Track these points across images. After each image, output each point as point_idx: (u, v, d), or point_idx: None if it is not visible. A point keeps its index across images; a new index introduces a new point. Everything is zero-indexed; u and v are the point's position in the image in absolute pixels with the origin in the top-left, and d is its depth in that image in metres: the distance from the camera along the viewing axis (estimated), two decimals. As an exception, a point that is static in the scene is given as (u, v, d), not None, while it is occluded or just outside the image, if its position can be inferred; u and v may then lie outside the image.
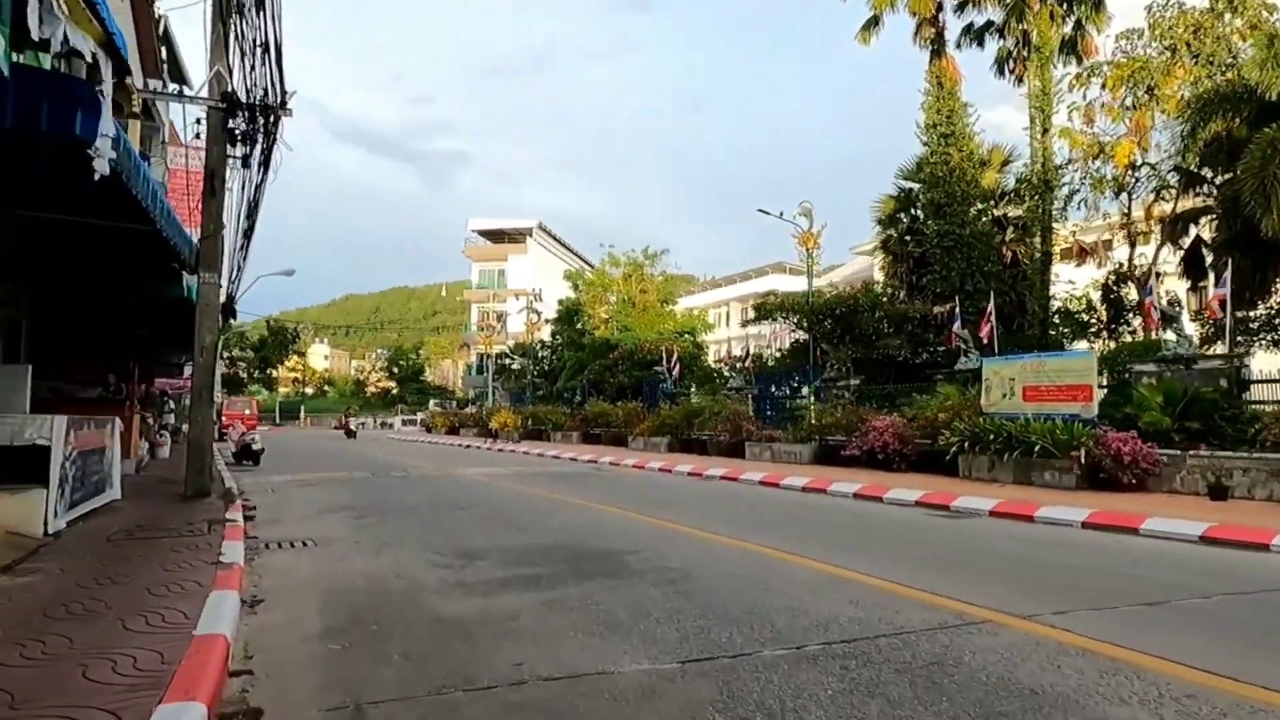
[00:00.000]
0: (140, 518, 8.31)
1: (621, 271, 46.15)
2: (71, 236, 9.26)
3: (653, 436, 23.93)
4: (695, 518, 9.69)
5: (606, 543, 7.79)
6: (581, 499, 11.79)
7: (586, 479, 15.82)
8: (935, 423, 14.72)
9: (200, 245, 10.40)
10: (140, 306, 13.72)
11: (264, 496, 12.27)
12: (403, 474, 16.62)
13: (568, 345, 45.72)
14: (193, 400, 10.20)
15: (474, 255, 76.40)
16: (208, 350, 10.32)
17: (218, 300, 10.43)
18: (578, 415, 30.47)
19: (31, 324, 13.83)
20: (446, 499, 11.85)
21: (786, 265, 74.77)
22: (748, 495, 12.88)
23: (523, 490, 13.22)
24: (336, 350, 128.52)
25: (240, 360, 69.87)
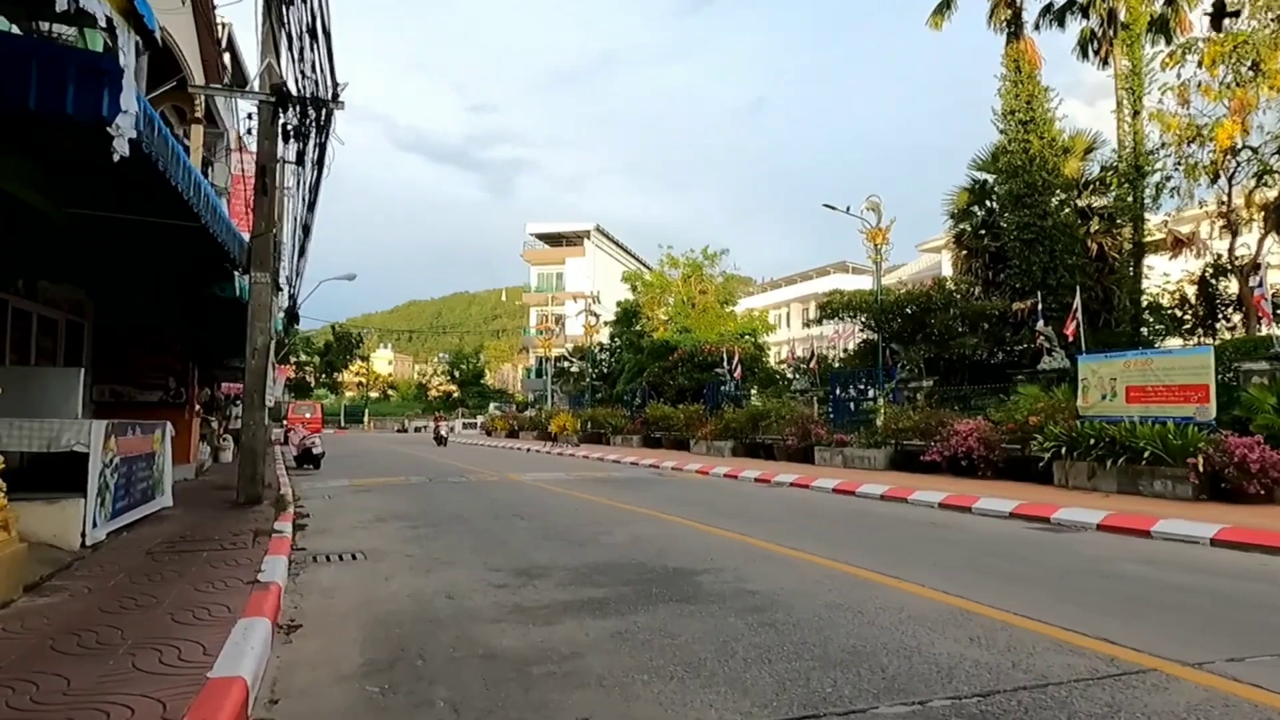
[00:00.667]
0: (186, 527, 7.93)
1: (680, 272, 45.40)
2: (125, 236, 9.00)
3: (716, 440, 23.14)
4: (770, 530, 8.92)
5: (677, 559, 7.08)
6: (646, 508, 11.11)
7: (649, 485, 15.15)
8: (1026, 426, 13.62)
9: (251, 243, 10.07)
10: (198, 309, 13.57)
11: (318, 502, 11.92)
12: (460, 479, 16.20)
13: (626, 347, 45.18)
14: (245, 404, 9.87)
15: (532, 259, 76.63)
16: (260, 353, 9.98)
17: (270, 300, 10.09)
18: (638, 418, 29.85)
19: (94, 327, 13.81)
20: (505, 507, 11.31)
21: (849, 264, 73.26)
22: (822, 504, 12.03)
23: (584, 498, 12.61)
24: (400, 355, 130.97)
25: (306, 365, 71.37)
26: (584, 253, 73.10)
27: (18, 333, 11.11)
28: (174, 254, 9.58)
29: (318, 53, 9.71)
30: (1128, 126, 22.78)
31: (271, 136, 10.24)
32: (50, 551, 5.97)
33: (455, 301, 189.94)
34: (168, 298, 12.10)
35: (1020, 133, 23.37)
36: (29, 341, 11.52)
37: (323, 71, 10.36)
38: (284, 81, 10.24)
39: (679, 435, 26.20)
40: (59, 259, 9.49)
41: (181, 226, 8.08)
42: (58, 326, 12.52)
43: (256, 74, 10.29)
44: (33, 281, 11.31)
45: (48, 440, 6.34)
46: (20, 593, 4.82)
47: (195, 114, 19.15)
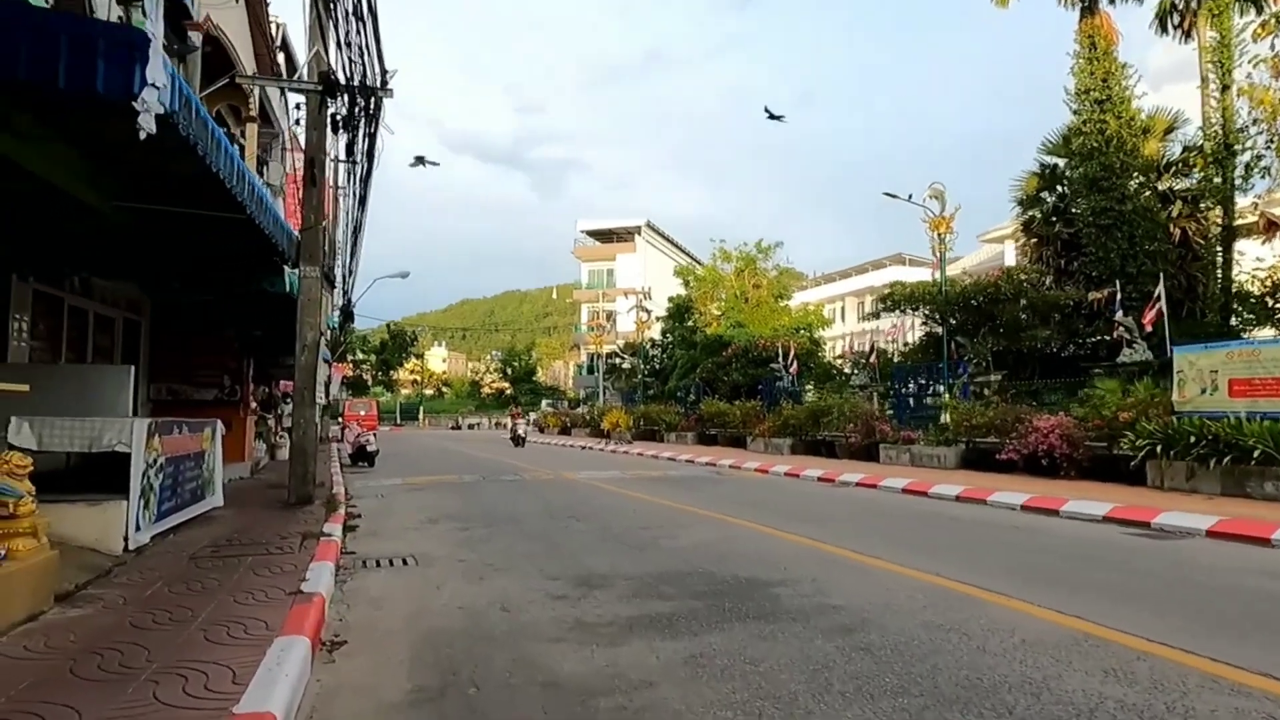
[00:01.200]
0: (234, 529, 7.66)
1: (733, 266, 44.61)
2: (174, 230, 8.80)
3: (774, 438, 22.45)
4: (843, 534, 8.30)
5: (749, 568, 6.53)
6: (707, 509, 10.57)
7: (707, 485, 14.60)
8: (1115, 423, 12.68)
9: (301, 236, 9.81)
10: (251, 306, 13.46)
11: (370, 502, 11.66)
12: (514, 478, 15.87)
13: (679, 343, 44.61)
14: (295, 402, 9.63)
15: (583, 255, 76.52)
16: (309, 348, 9.72)
17: (320, 295, 9.82)
18: (692, 415, 29.27)
19: (151, 326, 13.80)
20: (560, 508, 10.89)
21: (906, 256, 71.49)
22: (893, 505, 11.33)
23: (642, 498, 12.12)
24: (454, 353, 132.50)
25: (363, 363, 72.48)
26: (635, 249, 72.70)
27: (74, 331, 11.07)
28: (223, 249, 9.36)
29: (365, 37, 9.40)
30: (1214, 103, 21.38)
31: (319, 127, 9.97)
32: (91, 556, 5.70)
33: (507, 300, 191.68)
34: (221, 295, 11.98)
35: (1095, 113, 22.15)
36: (85, 340, 11.49)
37: (370, 59, 10.06)
38: (332, 70, 9.96)
39: (735, 432, 25.55)
40: (110, 255, 9.35)
41: (230, 220, 7.83)
42: (115, 325, 12.50)
43: (304, 63, 10.03)
44: (88, 279, 11.27)
45: (89, 440, 6.08)
46: (51, 603, 4.52)
47: (250, 113, 19.19)
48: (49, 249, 9.02)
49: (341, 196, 29.97)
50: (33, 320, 9.89)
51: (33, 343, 9.97)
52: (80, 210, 8.09)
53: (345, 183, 28.15)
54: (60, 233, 8.91)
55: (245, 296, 11.51)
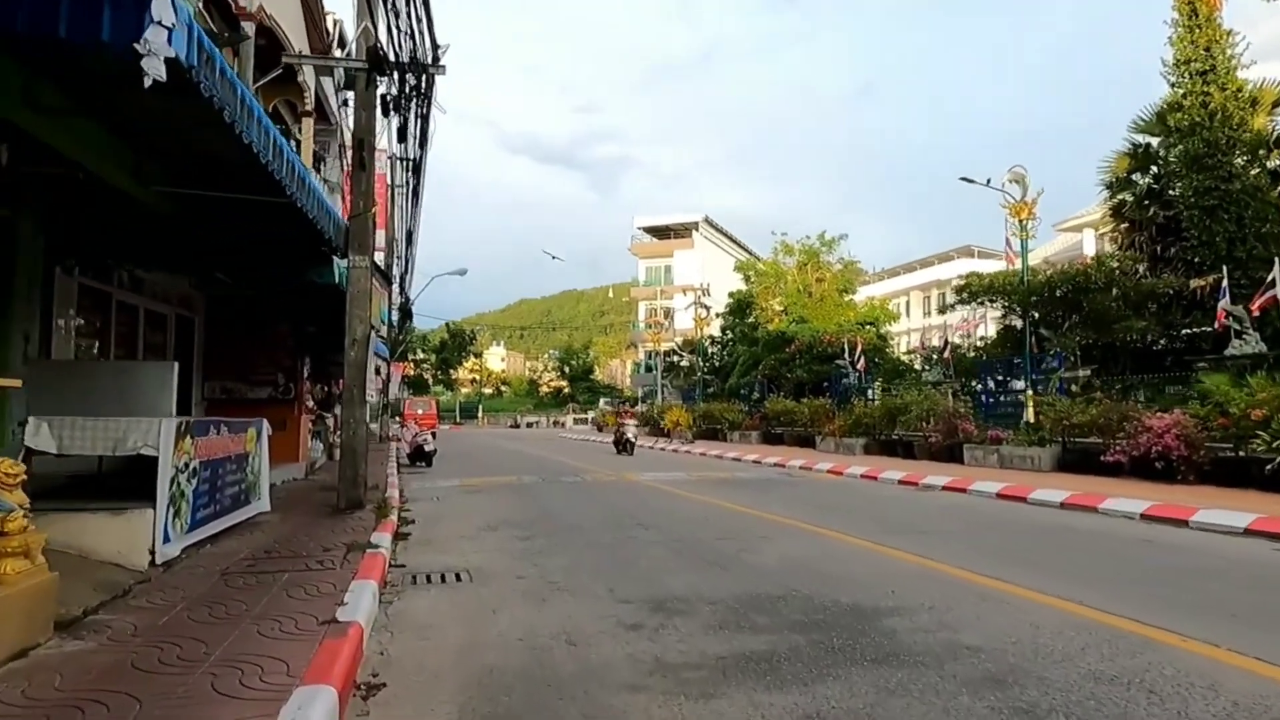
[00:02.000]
0: (276, 539, 7.06)
1: (796, 260, 43.27)
2: (217, 217, 8.29)
3: (845, 437, 21.32)
4: (950, 549, 7.31)
5: (850, 591, 5.62)
6: (787, 516, 9.65)
7: (780, 488, 13.64)
8: (1244, 422, 11.32)
9: (349, 224, 9.22)
10: (303, 300, 13.01)
11: (425, 506, 11.05)
12: (575, 479, 15.15)
13: (739, 339, 43.54)
14: (344, 400, 9.04)
15: (640, 252, 75.81)
16: (360, 344, 9.12)
17: (370, 287, 9.22)
18: (756, 413, 28.24)
19: (205, 323, 13.48)
20: (625, 513, 10.10)
21: (974, 249, 69.01)
22: (994, 513, 10.24)
23: (712, 503, 11.25)
24: (512, 352, 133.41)
25: (423, 363, 73.10)
26: (692, 245, 71.72)
27: (123, 328, 10.71)
28: (268, 238, 8.83)
29: (414, 8, 8.74)
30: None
31: (368, 107, 9.36)
32: (111, 572, 5.11)
33: (564, 299, 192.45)
34: (271, 289, 11.53)
35: (1196, 85, 20.41)
36: (135, 337, 11.14)
37: (421, 34, 9.41)
38: (381, 46, 9.34)
39: (802, 431, 24.46)
40: (151, 246, 8.90)
41: (272, 205, 7.25)
42: (167, 322, 12.17)
43: (353, 38, 9.43)
44: (137, 276, 10.91)
45: (113, 442, 5.51)
46: (50, 632, 3.89)
47: (305, 107, 18.92)
48: (89, 240, 8.59)
49: (396, 194, 29.80)
50: (77, 316, 9.52)
51: (78, 339, 9.62)
52: (117, 198, 7.61)
53: (400, 180, 27.90)
54: (99, 222, 8.47)
55: (296, 290, 11.02)
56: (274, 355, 13.80)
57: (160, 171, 7.48)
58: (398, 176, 28.10)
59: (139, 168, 7.35)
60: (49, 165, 6.78)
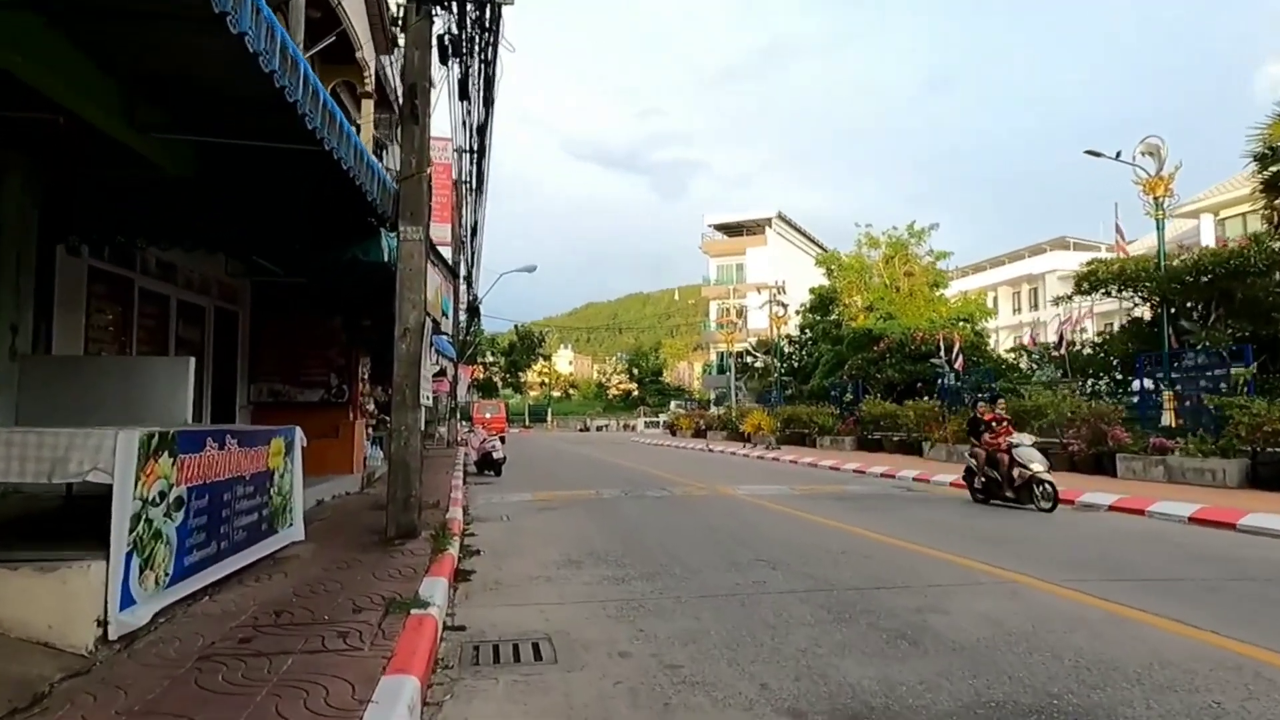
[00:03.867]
0: (295, 587, 5.34)
1: (881, 253, 40.53)
2: (239, 177, 6.71)
3: (960, 444, 18.86)
4: (1227, 612, 5.12)
5: (1139, 700, 3.56)
6: (944, 549, 7.54)
7: (910, 507, 11.48)
8: None
9: (400, 188, 7.52)
10: (356, 287, 11.48)
11: (492, 528, 9.31)
12: (662, 492, 13.25)
13: (821, 337, 41.02)
14: (394, 403, 7.34)
15: (711, 250, 73.60)
16: (412, 334, 7.40)
17: (425, 264, 7.51)
18: (849, 417, 25.86)
19: (250, 315, 12.08)
20: (738, 541, 8.13)
21: (1069, 240, 64.84)
22: (1198, 544, 7.92)
23: (838, 526, 9.20)
24: (579, 356, 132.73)
25: (492, 365, 72.42)
26: (765, 241, 69.17)
27: (149, 320, 9.26)
28: (301, 201, 7.20)
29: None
30: None
31: (421, 44, 7.65)
32: (31, 661, 3.42)
33: (630, 302, 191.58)
34: (309, 268, 9.98)
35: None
36: (166, 331, 9.70)
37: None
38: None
39: (906, 437, 22.04)
40: (166, 216, 7.36)
41: (302, 157, 5.61)
42: (204, 315, 10.76)
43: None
44: (167, 262, 9.49)
45: (50, 464, 3.83)
46: None
47: (365, 88, 17.58)
48: (90, 209, 7.10)
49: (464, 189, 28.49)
50: (89, 305, 8.09)
51: (91, 333, 8.18)
52: (117, 153, 6.07)
53: (464, 174, 26.54)
54: (101, 187, 6.97)
55: (347, 274, 9.43)
56: (326, 353, 12.32)
57: (162, 116, 5.90)
58: (462, 168, 26.78)
59: (131, 110, 5.78)
60: (41, 111, 5.27)
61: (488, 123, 10.99)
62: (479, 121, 10.89)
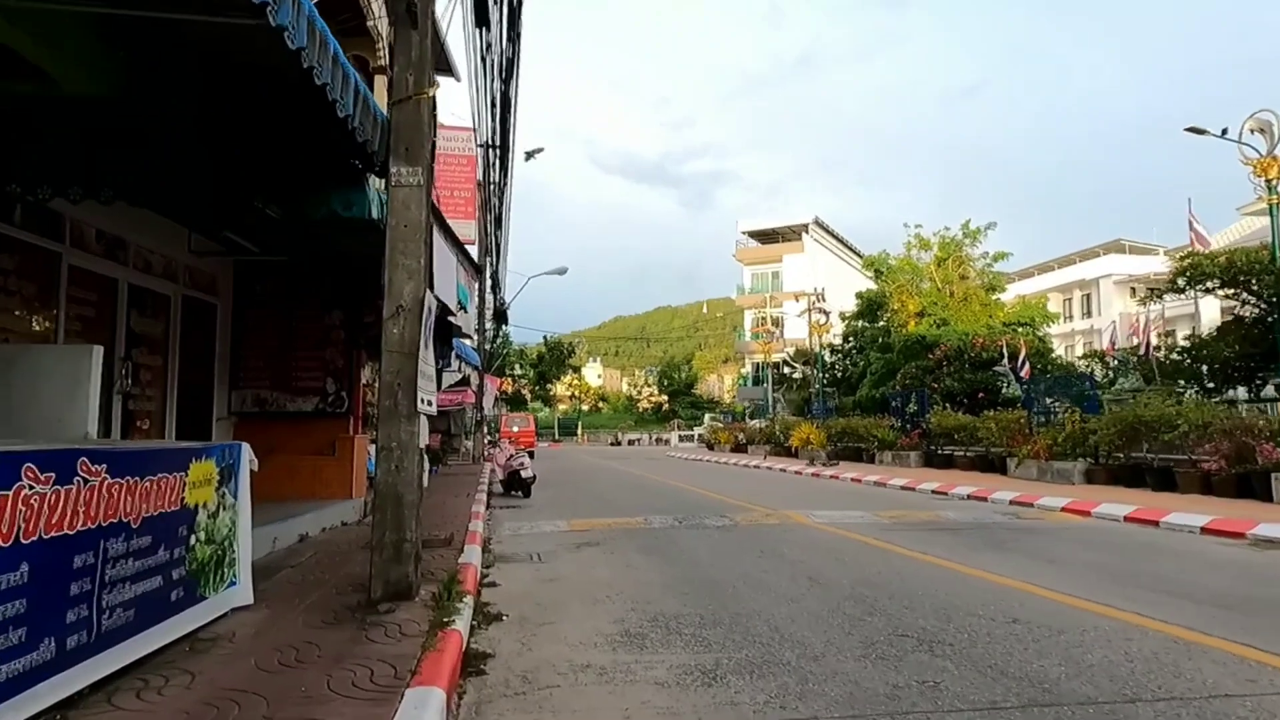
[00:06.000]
0: (194, 707, 3.23)
1: (933, 255, 38.00)
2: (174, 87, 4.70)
3: (1053, 460, 16.43)
4: None
5: None
6: (1170, 619, 5.26)
7: (1032, 538, 9.16)
8: None
9: (391, 115, 5.47)
10: (358, 278, 9.52)
11: (520, 574, 7.17)
12: (723, 521, 11.04)
13: (870, 344, 38.55)
14: (381, 411, 5.25)
15: (745, 258, 71.28)
16: (407, 314, 5.31)
17: (427, 219, 5.45)
18: (914, 430, 23.43)
19: (232, 309, 10.12)
20: (857, 602, 5.91)
21: (1125, 243, 61.81)
22: None
23: (983, 578, 6.93)
24: (608, 369, 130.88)
25: (521, 378, 70.56)
26: (803, 248, 66.70)
27: (85, 308, 7.30)
28: (260, 124, 5.17)
29: None
30: None
31: (421, -78, 5.62)
32: None
33: (658, 315, 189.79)
34: (301, 244, 7.99)
35: None
36: (113, 322, 7.74)
37: None
38: None
39: (985, 453, 19.57)
40: (77, 158, 5.37)
41: (270, 79, 3.59)
42: (170, 306, 8.79)
43: None
44: (117, 238, 7.53)
45: None
46: None
47: (378, 62, 15.68)
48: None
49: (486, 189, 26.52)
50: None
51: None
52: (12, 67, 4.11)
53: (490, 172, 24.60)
54: None
55: (325, 234, 7.41)
56: (322, 354, 10.31)
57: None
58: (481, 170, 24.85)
59: None
60: None
61: (514, 66, 8.98)
62: (505, 57, 8.89)
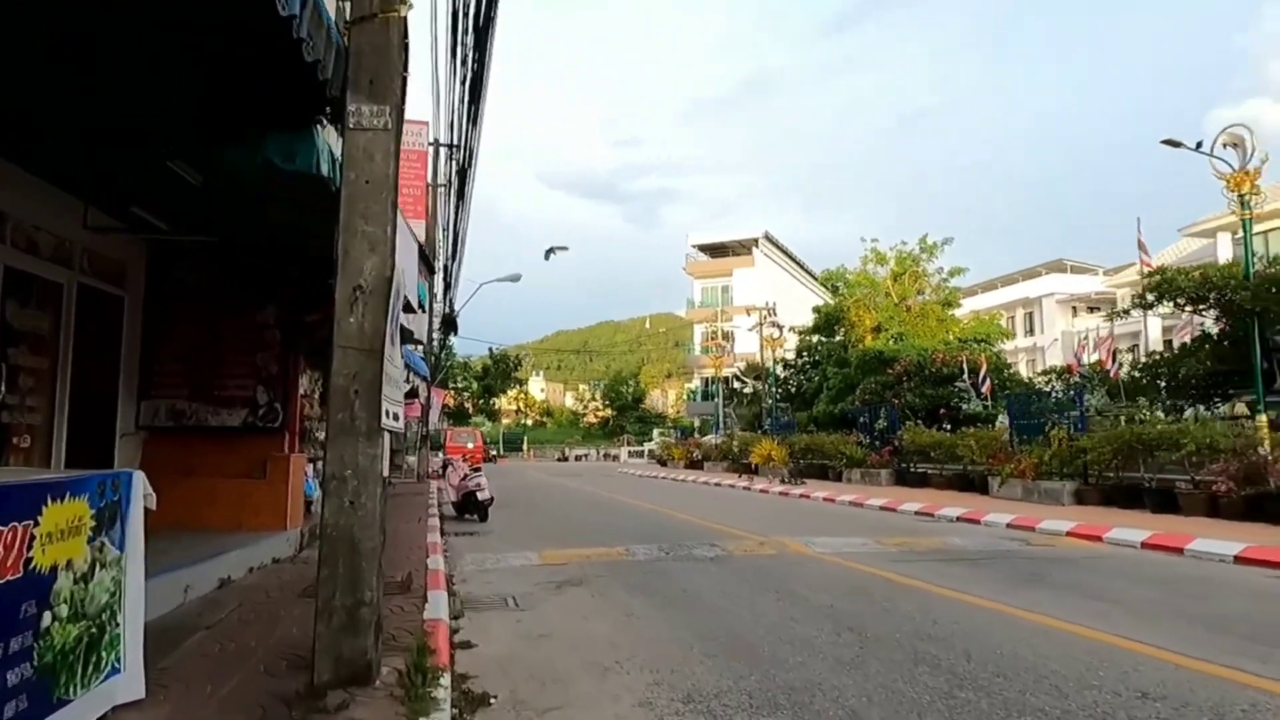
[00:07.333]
0: None
1: (889, 270, 37.68)
2: None
3: (1040, 479, 15.69)
4: None
5: None
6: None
7: (1060, 570, 8.17)
8: None
9: (350, 35, 4.16)
10: (300, 267, 8.08)
11: (497, 625, 5.82)
12: (715, 551, 9.81)
13: (827, 359, 37.92)
14: (330, 425, 3.92)
15: (695, 271, 70.59)
16: (369, 297, 3.99)
17: (393, 173, 4.16)
18: (884, 447, 22.62)
19: (144, 303, 8.53)
20: (921, 661, 4.75)
21: (1067, 263, 63.19)
22: None
23: (1036, 622, 5.85)
24: (550, 383, 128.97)
25: (464, 390, 68.29)
26: (753, 262, 66.30)
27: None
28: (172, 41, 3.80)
29: None
30: None
31: None
32: None
33: (601, 330, 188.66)
34: (244, 233, 6.55)
35: None
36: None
37: None
38: None
39: (962, 471, 18.80)
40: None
41: None
42: (61, 296, 7.22)
43: None
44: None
45: None
46: None
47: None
48: None
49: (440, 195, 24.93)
50: None
51: None
52: None
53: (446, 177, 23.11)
54: None
55: (260, 193, 5.99)
56: (252, 359, 8.78)
57: None
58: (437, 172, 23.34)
59: None
60: None
61: (489, 25, 7.69)
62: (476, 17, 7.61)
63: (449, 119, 11.82)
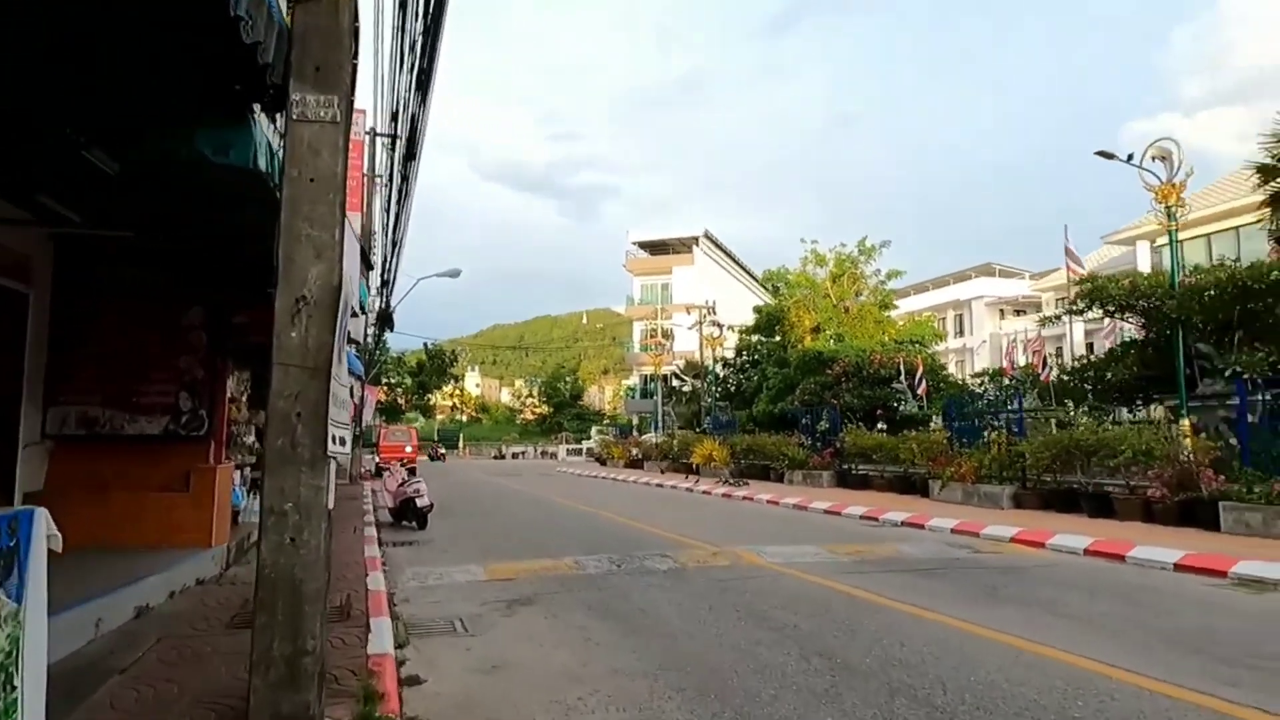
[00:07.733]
0: None
1: (828, 271, 38.12)
2: None
3: (980, 483, 15.93)
4: None
5: None
6: (1248, 701, 4.20)
7: (1021, 583, 8.17)
8: None
9: (294, 19, 3.73)
10: (229, 264, 7.49)
11: (446, 656, 5.43)
12: (668, 564, 9.54)
13: (767, 359, 38.14)
14: (268, 451, 3.51)
15: (635, 269, 70.40)
16: (315, 309, 3.58)
17: (341, 169, 3.75)
18: (826, 449, 22.76)
19: (52, 301, 7.82)
20: (897, 691, 4.57)
21: (995, 266, 65.03)
22: None
23: (1005, 643, 5.76)
24: (486, 378, 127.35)
25: (398, 386, 66.67)
26: (693, 261, 66.46)
27: None
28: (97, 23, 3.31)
29: None
30: None
31: None
32: None
33: (538, 325, 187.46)
34: (164, 229, 5.97)
35: None
36: None
37: None
38: None
39: (903, 473, 18.99)
40: None
41: None
42: (-45, 292, 6.52)
43: None
44: None
45: None
46: None
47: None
48: None
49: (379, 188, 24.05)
50: None
51: None
52: None
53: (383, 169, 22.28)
54: None
55: (184, 193, 5.46)
56: (174, 363, 8.14)
57: None
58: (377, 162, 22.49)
59: None
60: None
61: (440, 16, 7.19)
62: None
63: (393, 106, 11.24)
